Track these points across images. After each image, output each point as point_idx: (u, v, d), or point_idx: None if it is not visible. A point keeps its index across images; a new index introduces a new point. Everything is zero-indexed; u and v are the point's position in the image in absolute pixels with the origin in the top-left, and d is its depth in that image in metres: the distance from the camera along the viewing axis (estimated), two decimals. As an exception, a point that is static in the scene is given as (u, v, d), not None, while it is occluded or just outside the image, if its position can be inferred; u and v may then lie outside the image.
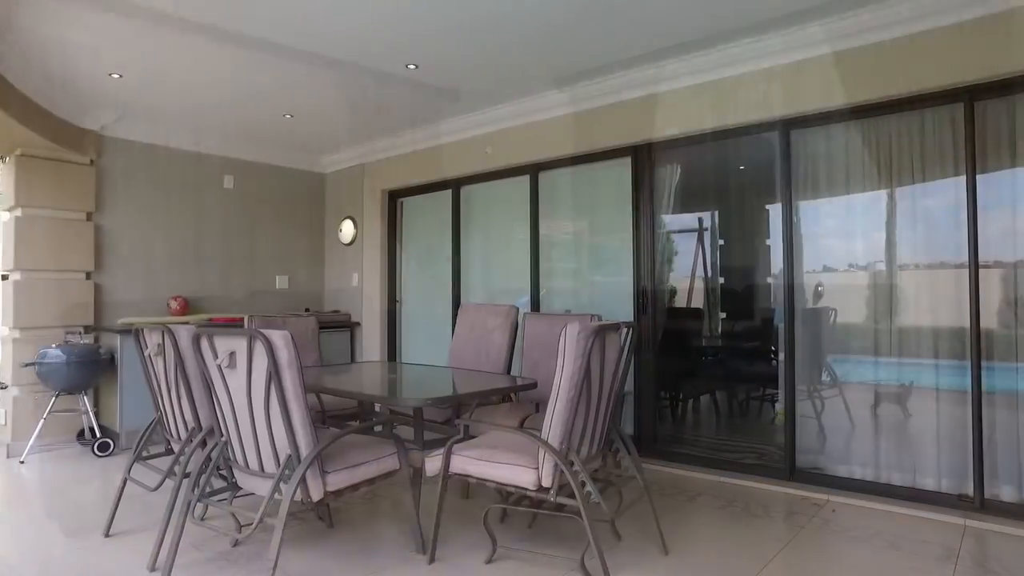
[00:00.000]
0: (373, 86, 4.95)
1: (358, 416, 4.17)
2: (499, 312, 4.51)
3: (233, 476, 2.85)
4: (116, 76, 4.72)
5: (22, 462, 4.87)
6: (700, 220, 7.88)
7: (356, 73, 4.66)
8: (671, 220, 5.17)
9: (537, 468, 2.65)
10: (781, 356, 4.24)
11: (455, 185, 6.25)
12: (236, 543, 3.18)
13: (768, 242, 6.31)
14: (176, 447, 3.33)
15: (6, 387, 5.25)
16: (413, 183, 6.52)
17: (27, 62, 4.35)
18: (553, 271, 5.58)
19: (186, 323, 5.61)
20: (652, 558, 3.01)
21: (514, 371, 4.39)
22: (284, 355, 2.40)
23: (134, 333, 3.38)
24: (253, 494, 2.82)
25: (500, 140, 5.67)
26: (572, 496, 2.62)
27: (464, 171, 6.02)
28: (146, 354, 3.30)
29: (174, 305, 5.96)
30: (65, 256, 5.41)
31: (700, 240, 7.86)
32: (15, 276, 5.22)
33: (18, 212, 5.25)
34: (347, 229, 7.00)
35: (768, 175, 4.46)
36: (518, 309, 4.52)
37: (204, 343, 2.62)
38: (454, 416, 4.13)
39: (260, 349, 2.40)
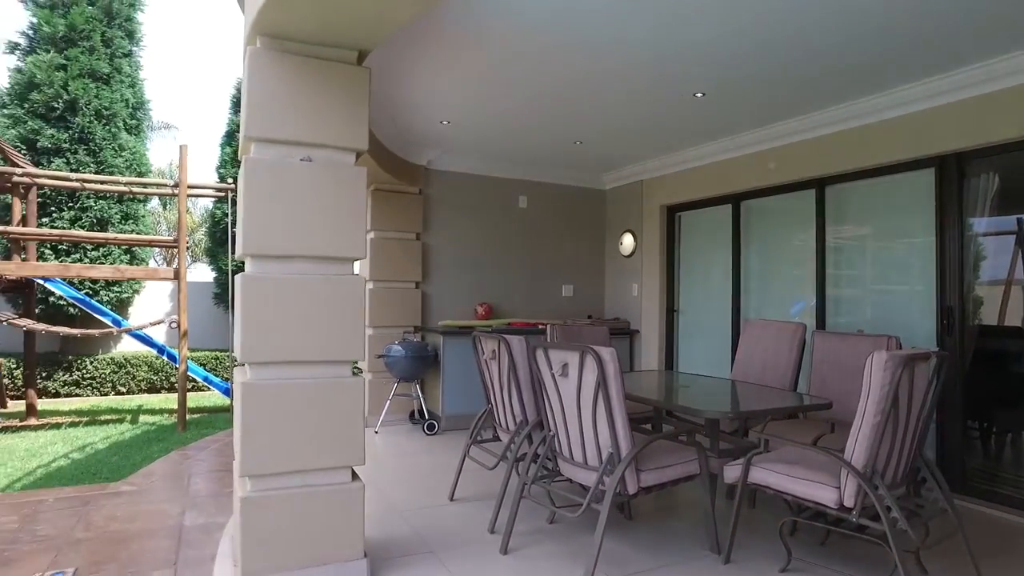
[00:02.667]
0: (660, 112, 5.30)
1: (651, 421, 4.55)
2: (787, 329, 4.56)
3: (556, 464, 3.40)
4: (445, 123, 5.73)
5: (376, 432, 6.16)
6: (1020, 221, 6.83)
7: (647, 103, 5.05)
8: (978, 222, 4.69)
9: (839, 487, 2.75)
10: None
11: (734, 200, 6.33)
12: (552, 520, 3.76)
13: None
14: (503, 435, 4.03)
15: (360, 372, 6.65)
16: (691, 198, 6.74)
17: (384, 117, 5.51)
18: (836, 283, 5.39)
19: (489, 327, 6.62)
20: (968, 597, 2.89)
21: (799, 388, 4.41)
22: (611, 368, 2.85)
23: (472, 339, 4.15)
24: (570, 480, 3.36)
25: (783, 155, 5.63)
26: (875, 519, 2.67)
27: (744, 186, 6.08)
28: (483, 358, 4.03)
29: (480, 310, 6.96)
30: (402, 269, 6.66)
31: (1020, 243, 6.82)
32: (369, 286, 6.58)
33: (371, 235, 6.60)
34: (627, 242, 7.46)
35: None
36: (805, 327, 4.52)
37: (540, 354, 3.19)
38: (742, 428, 4.31)
39: (590, 362, 2.88)
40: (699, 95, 4.82)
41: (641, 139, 6.19)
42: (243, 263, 2.91)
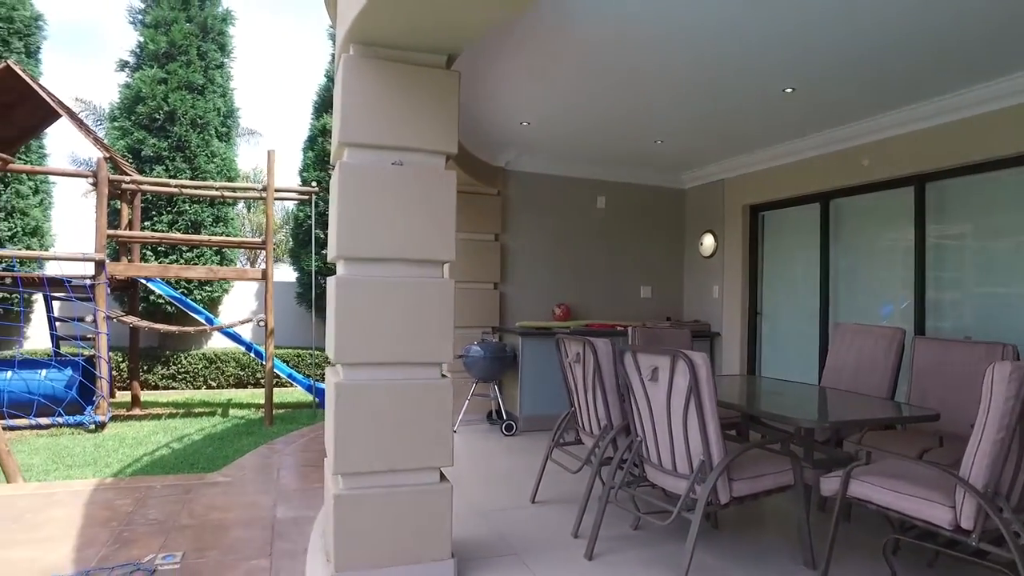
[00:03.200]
0: (746, 109, 5.14)
1: (736, 427, 4.41)
2: (883, 334, 4.33)
3: (642, 470, 3.34)
4: (525, 124, 5.73)
5: (454, 431, 6.23)
6: None
7: (732, 100, 4.91)
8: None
9: (954, 507, 2.57)
10: None
11: (823, 198, 6.06)
12: (636, 526, 3.70)
13: None
14: (586, 439, 4.00)
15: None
16: (776, 197, 6.50)
17: (465, 119, 5.57)
18: (937, 285, 5.08)
19: (567, 327, 6.58)
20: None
21: (896, 397, 4.18)
22: (703, 373, 2.78)
23: (556, 342, 4.13)
24: (652, 485, 3.30)
25: (878, 151, 5.35)
26: (996, 544, 2.49)
27: (834, 184, 5.82)
28: (566, 361, 4.01)
29: (558, 311, 6.94)
30: (480, 270, 6.72)
31: None
32: (448, 286, 6.67)
33: (450, 236, 6.69)
34: (707, 242, 7.28)
35: None
36: (904, 332, 4.27)
37: (628, 358, 3.14)
38: (834, 438, 4.12)
39: (682, 367, 2.81)
40: (788, 90, 4.64)
41: (724, 137, 6.02)
42: (329, 264, 3.00)
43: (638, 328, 5.09)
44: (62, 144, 32.25)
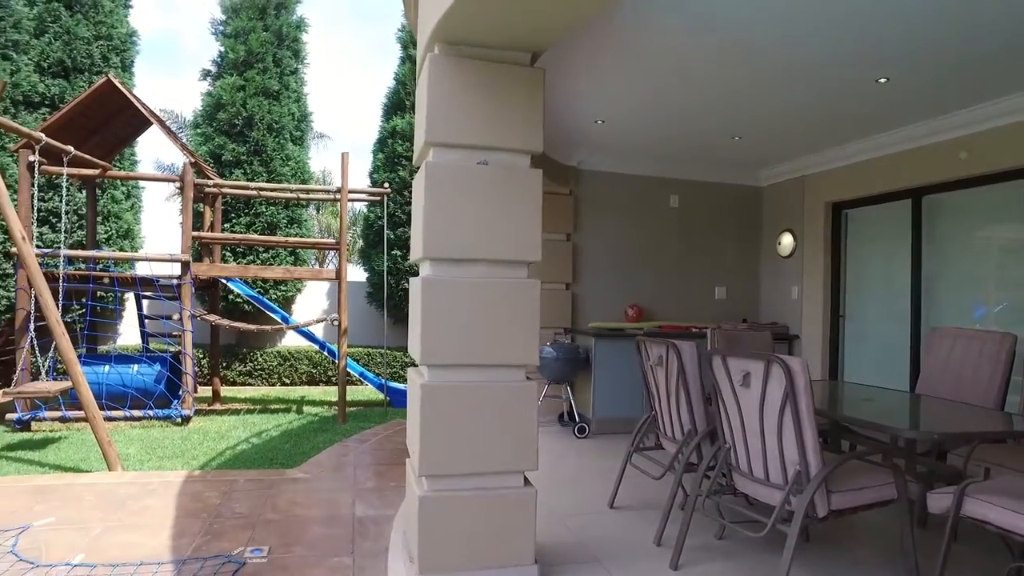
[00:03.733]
0: (834, 101, 4.90)
1: (823, 435, 4.20)
2: (991, 339, 4.04)
3: (730, 478, 3.22)
4: (599, 122, 5.65)
5: (525, 434, 6.19)
6: None
7: (820, 92, 4.69)
8: None
9: (1088, 531, 2.36)
10: None
11: (914, 194, 5.73)
12: (720, 535, 3.57)
13: None
14: (667, 444, 3.89)
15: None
16: (861, 194, 6.19)
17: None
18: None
19: (640, 329, 6.46)
20: None
21: (1008, 408, 3.89)
22: (801, 381, 2.64)
23: (636, 344, 4.04)
24: (734, 493, 3.18)
25: (977, 144, 5.01)
26: None
27: (927, 179, 5.49)
28: (647, 364, 3.91)
29: (631, 312, 6.82)
30: (552, 271, 6.66)
31: None
32: (518, 286, 6.64)
33: (521, 236, 6.66)
34: (786, 241, 7.01)
35: None
36: (1015, 337, 3.98)
37: (717, 362, 3.03)
38: (935, 450, 3.87)
39: (777, 373, 2.68)
40: (882, 80, 4.40)
41: (808, 131, 5.77)
42: (411, 265, 3.00)
43: (716, 330, 4.93)
44: (148, 152, 34.06)
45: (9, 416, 6.51)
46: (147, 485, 4.53)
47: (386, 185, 8.59)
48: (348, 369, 8.14)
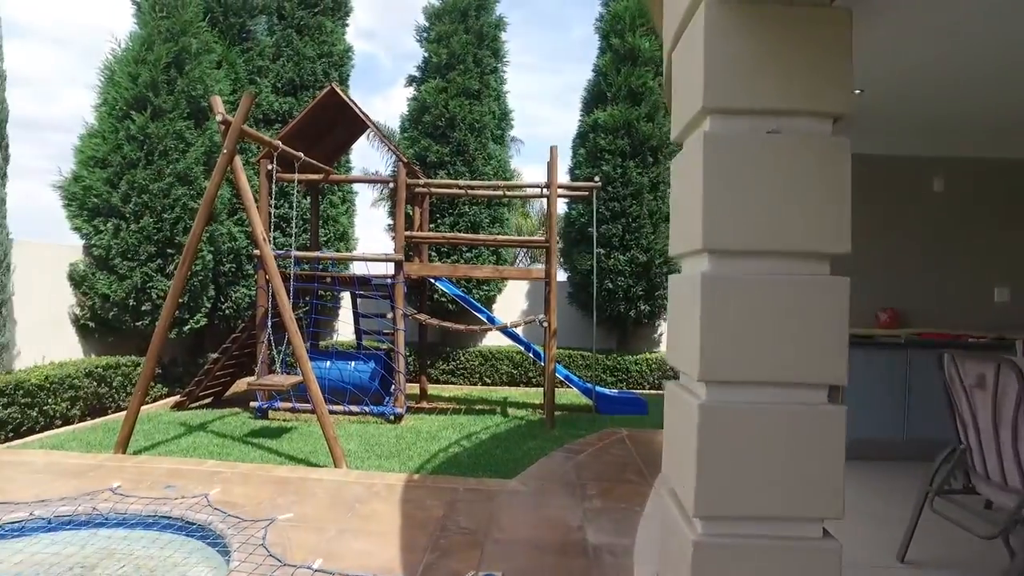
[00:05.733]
0: None
1: None
2: None
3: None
4: (857, 92, 4.73)
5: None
6: None
7: None
8: None
9: None
10: None
11: None
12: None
13: None
14: (984, 488, 3.01)
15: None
16: None
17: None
18: None
19: (896, 337, 5.39)
20: None
21: None
22: None
23: (941, 359, 3.19)
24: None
25: None
26: None
27: None
28: (959, 385, 3.06)
29: (883, 317, 5.77)
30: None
31: None
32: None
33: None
34: (1105, 230, 5.50)
35: None
36: None
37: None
38: None
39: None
40: None
41: None
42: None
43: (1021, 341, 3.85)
44: (357, 162, 37.22)
45: (252, 404, 7.05)
46: (372, 487, 4.50)
47: (597, 179, 8.19)
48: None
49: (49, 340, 7.15)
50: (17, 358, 6.81)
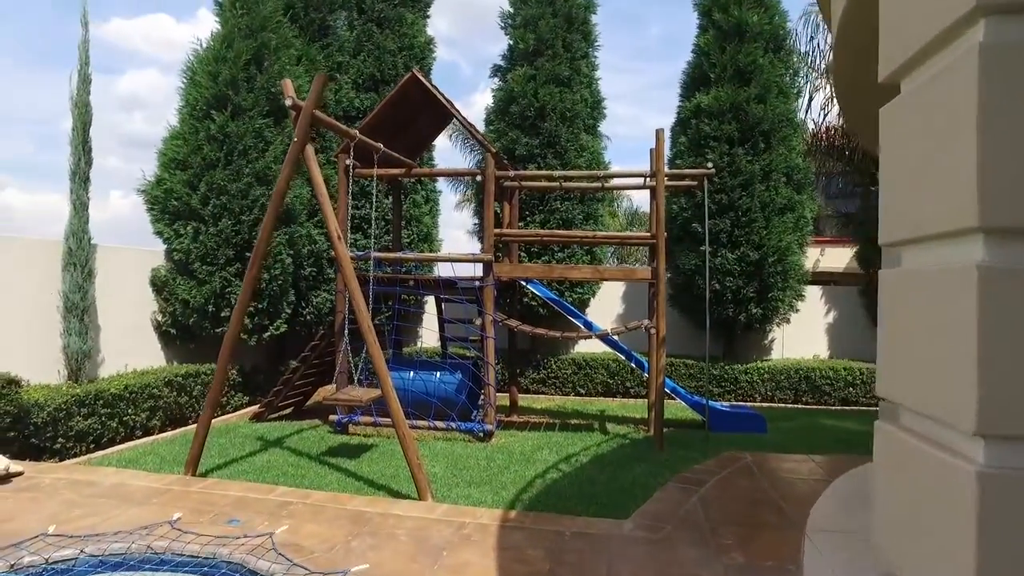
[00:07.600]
0: None
1: None
2: None
3: None
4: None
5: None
6: None
7: None
8: None
9: None
10: None
11: None
12: None
13: None
14: None
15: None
16: None
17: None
18: None
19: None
20: None
21: None
22: None
23: None
24: None
25: None
26: None
27: None
28: None
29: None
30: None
31: None
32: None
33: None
34: None
35: None
36: None
37: None
38: None
39: None
40: None
41: None
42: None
43: None
44: (438, 162, 37.36)
45: (331, 417, 6.58)
46: (462, 527, 3.81)
47: (709, 165, 7.25)
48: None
49: (132, 347, 6.94)
50: (101, 365, 6.64)
